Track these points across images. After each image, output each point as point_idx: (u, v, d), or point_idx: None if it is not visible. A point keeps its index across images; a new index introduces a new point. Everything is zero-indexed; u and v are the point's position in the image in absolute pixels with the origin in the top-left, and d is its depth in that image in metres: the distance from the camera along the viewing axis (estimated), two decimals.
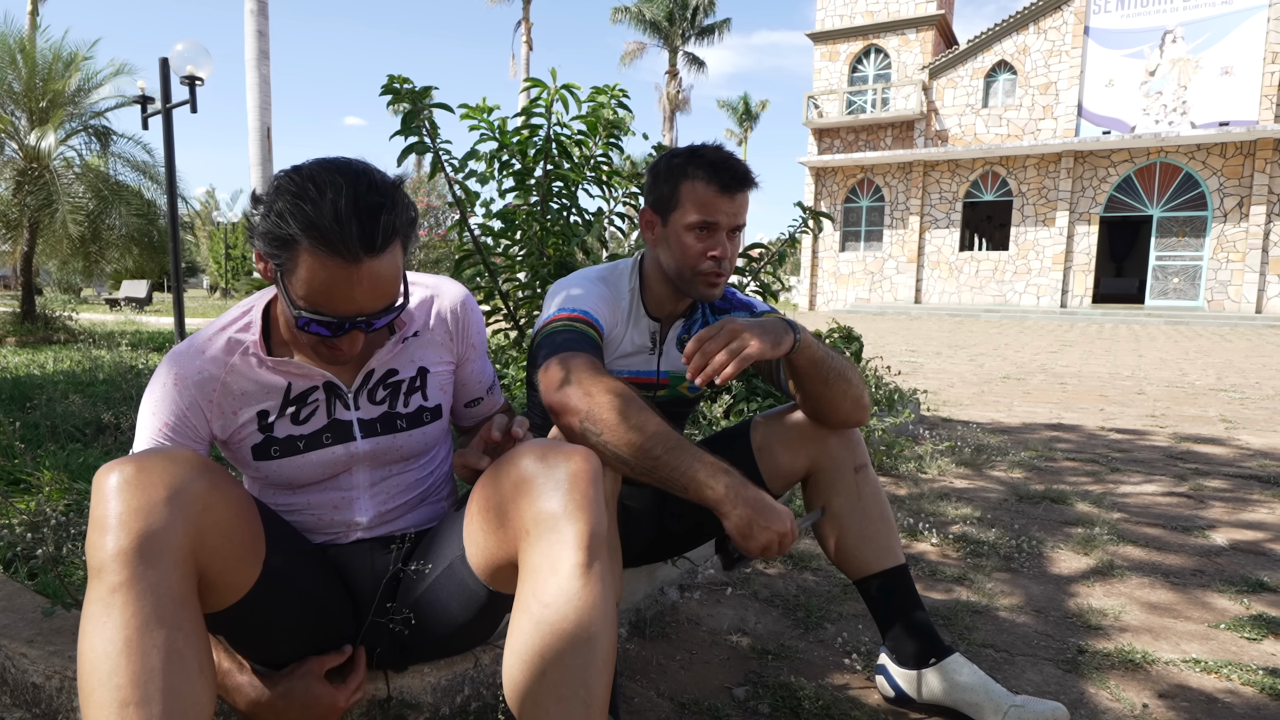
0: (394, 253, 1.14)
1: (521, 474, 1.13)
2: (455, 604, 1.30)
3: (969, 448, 4.21)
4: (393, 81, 3.58)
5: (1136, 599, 2.22)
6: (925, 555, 2.57)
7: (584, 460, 1.13)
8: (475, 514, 1.23)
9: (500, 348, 4.39)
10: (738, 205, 1.57)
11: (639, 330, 1.70)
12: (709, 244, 1.57)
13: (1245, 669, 1.78)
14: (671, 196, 1.59)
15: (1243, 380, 7.98)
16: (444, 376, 1.44)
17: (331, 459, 1.33)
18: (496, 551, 1.19)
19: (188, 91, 8.34)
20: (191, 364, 1.26)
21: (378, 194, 1.10)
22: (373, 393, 1.35)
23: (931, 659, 1.57)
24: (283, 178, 1.11)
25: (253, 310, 1.31)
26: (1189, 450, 4.38)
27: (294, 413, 1.31)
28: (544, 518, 1.09)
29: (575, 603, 1.03)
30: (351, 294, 1.12)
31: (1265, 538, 2.78)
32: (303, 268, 1.10)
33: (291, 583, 1.23)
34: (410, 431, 1.38)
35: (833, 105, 27.17)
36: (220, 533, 1.07)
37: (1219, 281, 21.81)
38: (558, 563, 1.06)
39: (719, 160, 1.56)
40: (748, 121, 48.65)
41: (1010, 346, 12.31)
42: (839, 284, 27.54)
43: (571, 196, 3.94)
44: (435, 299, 1.42)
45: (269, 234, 1.10)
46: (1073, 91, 23.16)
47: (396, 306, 1.20)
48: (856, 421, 1.64)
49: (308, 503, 1.37)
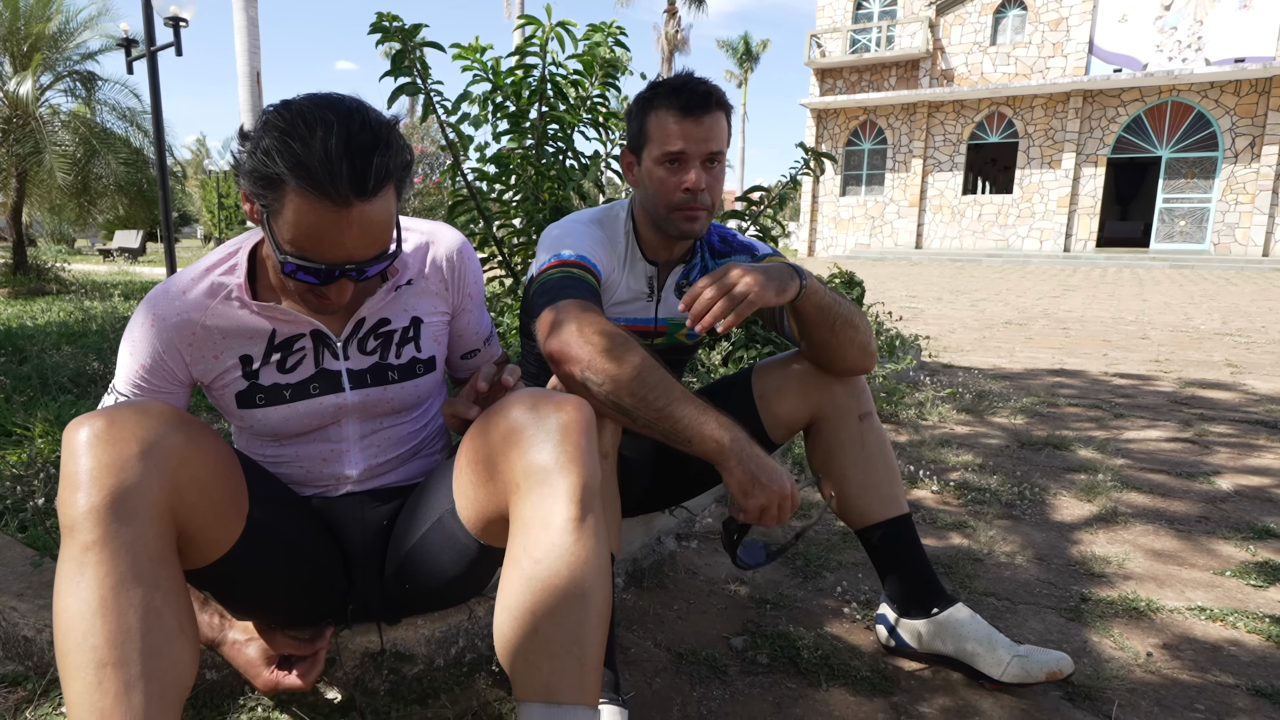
0: (387, 197, 1.09)
1: (511, 425, 1.10)
2: (446, 558, 1.28)
3: (970, 394, 4.19)
4: (381, 19, 3.47)
5: (1140, 546, 2.21)
6: (925, 502, 2.55)
7: (576, 410, 1.10)
8: (464, 466, 1.20)
9: (495, 295, 4.34)
10: (706, 130, 1.49)
11: (635, 276, 1.65)
12: (680, 176, 1.50)
13: (1251, 616, 1.78)
14: (640, 132, 1.54)
15: (1248, 324, 7.93)
16: (438, 327, 1.39)
17: (319, 410, 1.30)
18: (487, 505, 1.16)
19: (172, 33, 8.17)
20: (170, 305, 1.22)
21: (371, 133, 1.05)
22: (363, 343, 1.31)
23: (934, 608, 1.56)
24: (271, 113, 1.06)
25: (239, 252, 1.26)
26: (1194, 395, 4.35)
27: (279, 360, 1.27)
28: (535, 470, 1.06)
29: (568, 558, 1.01)
30: (341, 239, 1.07)
31: (1271, 483, 2.77)
32: (289, 210, 1.05)
33: (278, 537, 1.21)
34: (402, 384, 1.35)
35: (836, 44, 26.63)
36: (198, 488, 1.04)
37: (1226, 224, 21.60)
38: (549, 516, 1.03)
39: (679, 85, 1.49)
40: (748, 62, 47.78)
41: (1012, 292, 12.24)
42: (839, 229, 27.31)
43: (567, 139, 3.85)
44: (431, 246, 1.37)
45: (255, 172, 1.05)
46: (1084, 28, 22.65)
47: (389, 254, 1.15)
48: (863, 369, 1.60)
49: (295, 455, 1.34)
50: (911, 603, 1.59)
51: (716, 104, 1.50)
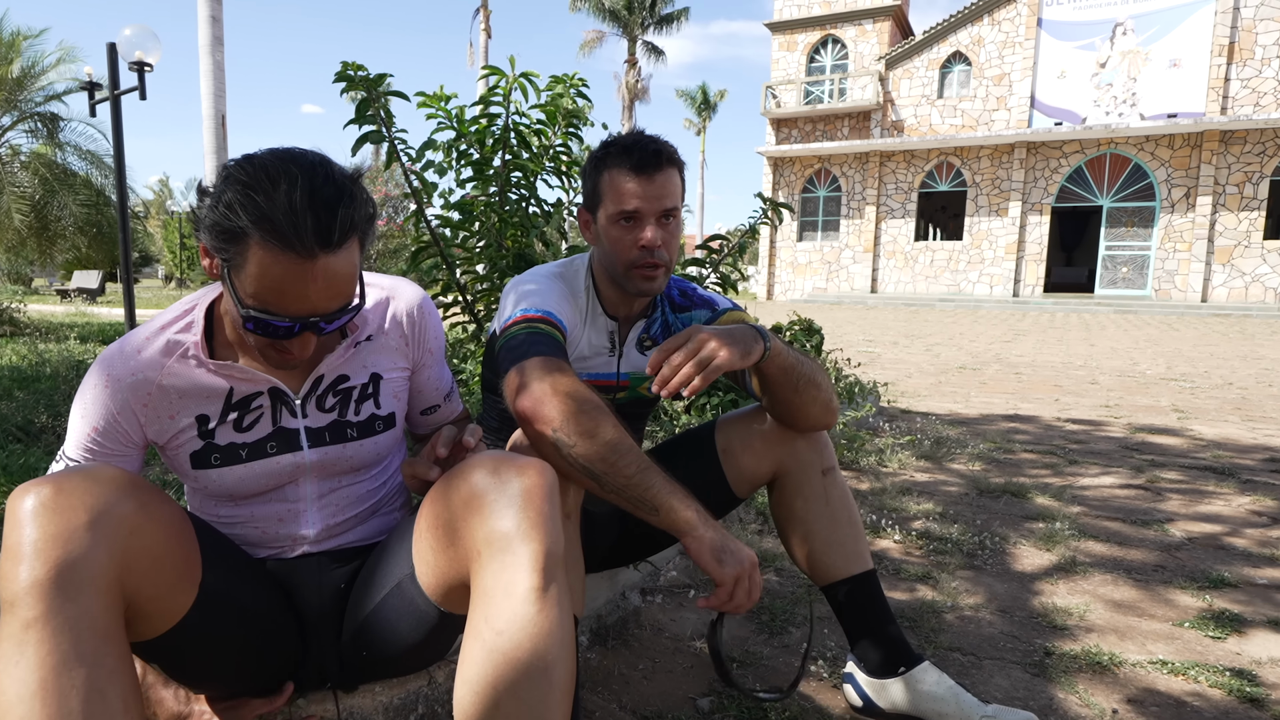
0: (351, 249, 1.07)
1: (472, 489, 1.07)
2: (405, 625, 1.24)
3: (929, 440, 4.21)
4: (346, 68, 3.47)
5: (1100, 596, 2.22)
6: (888, 553, 2.54)
7: (538, 474, 1.06)
8: (424, 531, 1.15)
9: (458, 341, 4.29)
10: (659, 187, 1.48)
11: (597, 330, 1.63)
12: (635, 234, 1.49)
13: (1212, 670, 1.78)
14: (595, 191, 1.53)
15: (1192, 369, 8.15)
16: (398, 383, 1.36)
17: (276, 469, 1.25)
18: (447, 571, 1.12)
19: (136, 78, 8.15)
20: (125, 365, 1.18)
21: (335, 187, 1.04)
22: (322, 400, 1.28)
23: (900, 668, 1.54)
24: (233, 167, 1.04)
25: (195, 309, 1.22)
26: (1144, 441, 4.43)
27: (236, 419, 1.22)
28: (496, 537, 1.02)
29: (530, 629, 0.97)
30: (305, 292, 1.04)
31: (1222, 530, 2.81)
32: (252, 263, 1.02)
33: (231, 605, 1.15)
34: (361, 441, 1.31)
35: (790, 95, 27.26)
36: (150, 557, 0.99)
37: (1166, 271, 22.32)
38: (511, 586, 0.99)
39: (631, 143, 1.49)
40: (706, 111, 48.61)
41: (965, 336, 12.46)
42: (796, 273, 27.69)
43: (530, 187, 3.87)
44: (391, 301, 1.34)
45: (216, 226, 1.03)
46: (1026, 83, 23.49)
47: (352, 307, 1.13)
48: (825, 425, 1.60)
49: (251, 515, 1.29)
50: (879, 662, 1.56)
51: (668, 161, 1.49)
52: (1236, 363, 8.82)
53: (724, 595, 1.25)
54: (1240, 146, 21.20)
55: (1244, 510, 3.07)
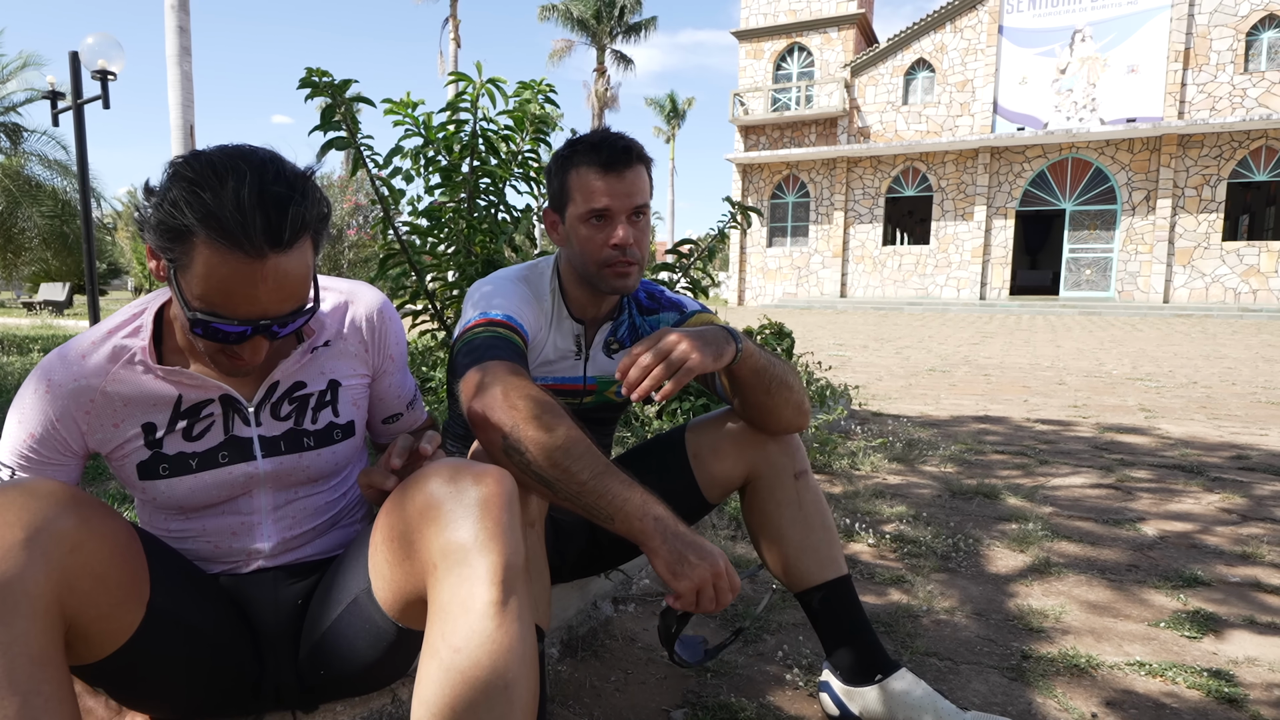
0: (303, 249, 1.03)
1: (428, 499, 1.01)
2: (362, 642, 1.18)
3: (900, 443, 4.20)
4: (311, 75, 3.41)
5: (1075, 598, 2.20)
6: (862, 556, 2.51)
7: (496, 483, 1.01)
8: (380, 544, 1.10)
9: (427, 349, 4.23)
10: (629, 185, 1.45)
11: (563, 334, 1.59)
12: (606, 232, 1.46)
13: (1189, 670, 1.76)
14: (562, 191, 1.49)
15: (1157, 369, 8.25)
16: (358, 390, 1.31)
17: (228, 480, 1.20)
18: (404, 585, 1.07)
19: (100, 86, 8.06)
20: (67, 371, 1.12)
21: (286, 184, 1.00)
22: (277, 407, 1.22)
23: (877, 675, 1.50)
24: (180, 164, 0.99)
25: (144, 313, 1.16)
26: (1113, 440, 4.45)
27: (186, 428, 1.17)
28: (453, 549, 0.97)
29: (489, 646, 0.92)
30: (254, 293, 1.00)
31: (1193, 529, 2.81)
32: (199, 263, 0.97)
33: (181, 623, 1.09)
34: (319, 450, 1.26)
35: (758, 103, 27.41)
36: (92, 575, 0.93)
37: (1129, 273, 22.67)
38: (469, 601, 0.94)
39: (598, 141, 1.45)
40: (675, 119, 48.78)
41: (934, 339, 12.55)
42: (767, 279, 27.81)
43: (499, 193, 3.84)
44: (350, 305, 1.30)
45: (161, 225, 0.98)
46: (988, 89, 23.80)
47: (305, 310, 1.08)
48: (797, 427, 1.56)
49: (203, 529, 1.23)
50: (855, 670, 1.53)
51: (637, 158, 1.46)
52: (1200, 362, 8.95)
53: (686, 603, 1.18)
54: (1198, 150, 21.62)
55: (1214, 508, 3.08)
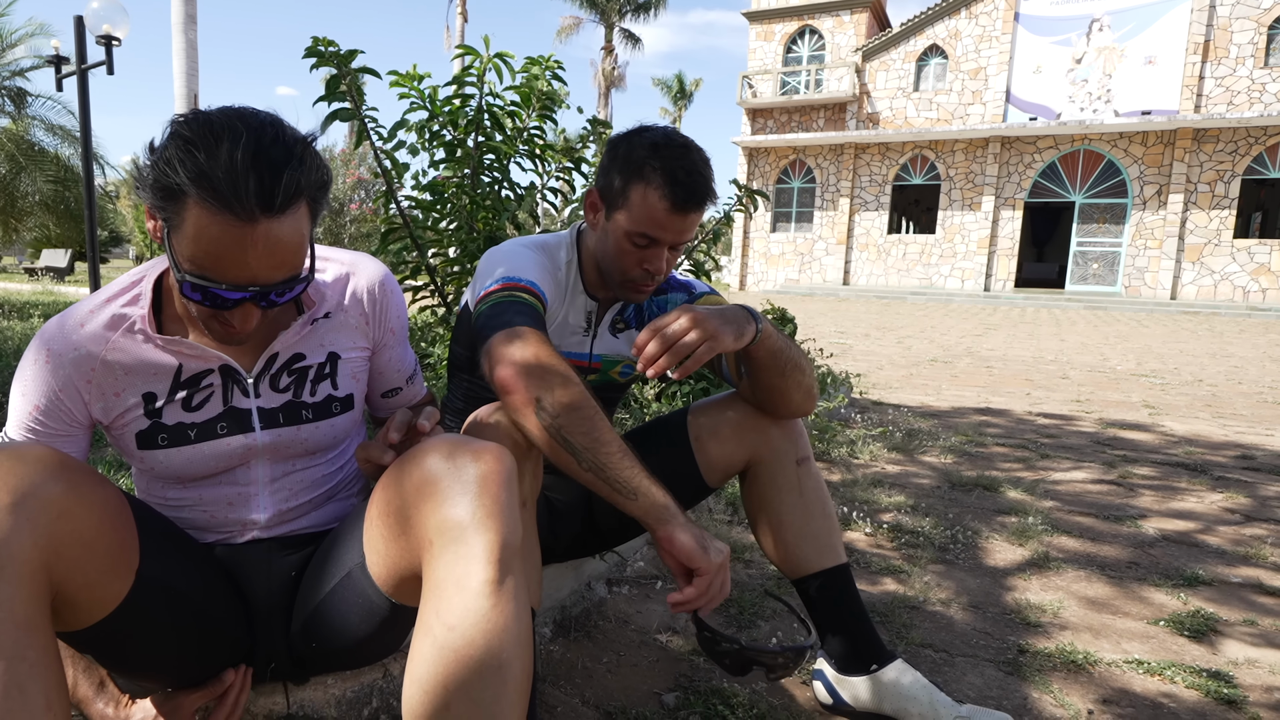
0: (297, 216, 1.01)
1: (426, 474, 1.00)
2: (355, 616, 1.17)
3: (900, 432, 4.19)
4: (317, 44, 3.38)
5: (1074, 593, 2.19)
6: (859, 545, 2.50)
7: (496, 460, 1.00)
8: (375, 518, 1.09)
9: (427, 325, 4.21)
10: (688, 224, 1.43)
11: (575, 309, 1.58)
12: (645, 255, 1.45)
13: (1187, 670, 1.75)
14: (621, 193, 1.43)
15: (1162, 366, 8.23)
16: (357, 363, 1.31)
17: (226, 451, 1.19)
18: (399, 561, 1.06)
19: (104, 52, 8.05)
20: (67, 340, 1.11)
21: (283, 148, 0.98)
22: (276, 379, 1.22)
23: (873, 665, 1.50)
24: (179, 122, 0.97)
25: (143, 281, 1.15)
26: (1115, 436, 4.44)
27: (185, 398, 1.16)
28: (449, 526, 0.96)
29: (484, 625, 0.91)
30: (244, 258, 0.98)
31: (1195, 528, 2.80)
32: (190, 223, 0.96)
33: (171, 592, 1.08)
34: (317, 423, 1.26)
35: (767, 85, 27.23)
36: (80, 542, 0.92)
37: (1136, 268, 22.60)
38: (464, 579, 0.93)
39: (680, 173, 1.39)
40: (682, 100, 48.50)
41: (936, 329, 12.52)
42: (769, 264, 27.74)
43: (503, 169, 3.81)
44: (351, 277, 1.29)
45: (156, 183, 0.97)
46: (1002, 77, 23.63)
47: (300, 279, 1.06)
48: (805, 412, 1.56)
49: (199, 498, 1.23)
50: (850, 659, 1.52)
51: (706, 201, 1.44)
52: (1206, 360, 8.93)
53: (701, 588, 1.18)
54: (1213, 145, 21.48)
55: (1217, 507, 3.07)
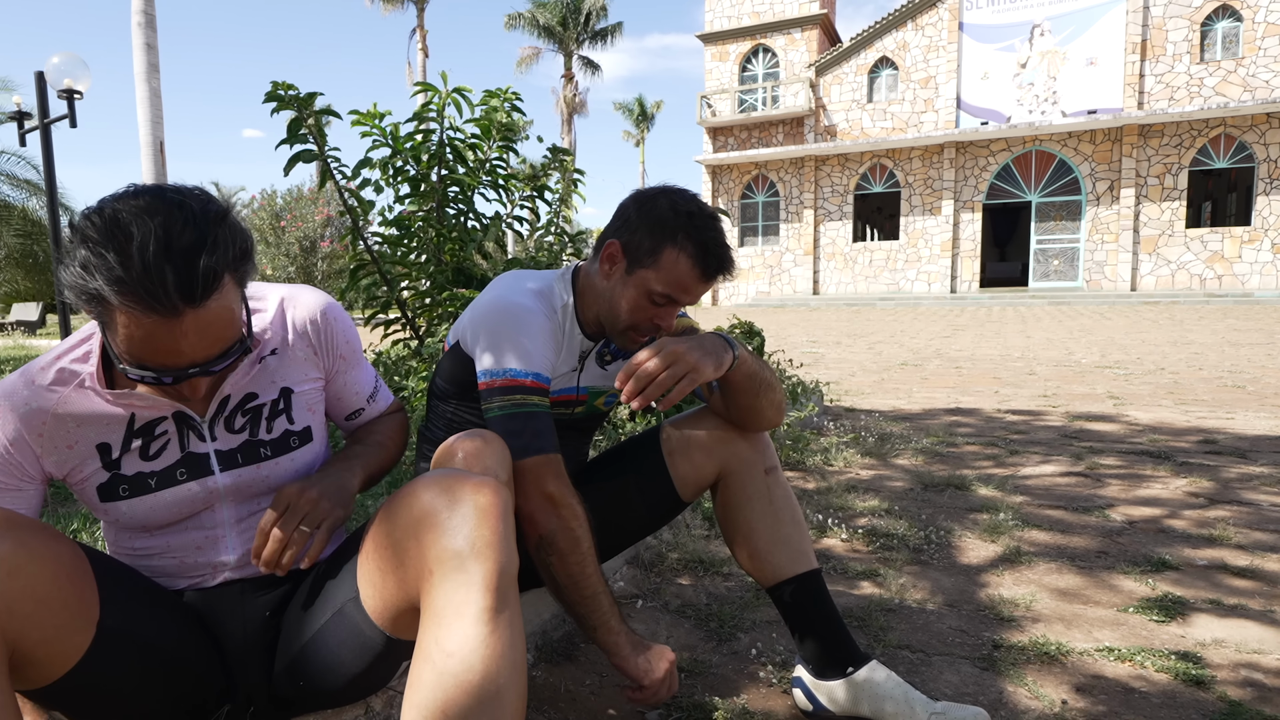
0: (222, 295, 0.99)
1: (424, 508, 1.02)
2: (347, 652, 1.17)
3: (873, 437, 4.22)
4: (277, 88, 3.39)
5: (1046, 586, 2.21)
6: (835, 551, 2.51)
7: (494, 494, 1.02)
8: (371, 552, 1.10)
9: (401, 358, 4.20)
10: (707, 289, 1.49)
11: (571, 351, 1.59)
12: (660, 313, 1.48)
13: (1157, 654, 1.77)
14: (652, 252, 1.45)
15: (1125, 357, 8.35)
16: (312, 395, 1.31)
17: (188, 496, 1.18)
18: (396, 594, 1.07)
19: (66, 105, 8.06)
20: (17, 395, 1.10)
21: (195, 231, 0.95)
22: (230, 420, 1.21)
23: (849, 668, 1.51)
24: (82, 222, 0.95)
25: (92, 338, 1.14)
26: (1082, 429, 4.49)
27: (142, 447, 1.15)
28: (449, 556, 0.97)
29: (482, 651, 0.92)
30: (177, 347, 0.98)
31: (1161, 514, 2.83)
32: (118, 324, 0.96)
33: (136, 642, 1.07)
34: (277, 459, 1.25)
35: (725, 104, 27.51)
36: (33, 598, 0.91)
37: (1095, 262, 22.97)
38: (463, 606, 0.94)
39: (712, 244, 1.44)
40: (644, 123, 48.85)
41: (906, 333, 12.63)
42: (740, 278, 27.90)
43: (468, 201, 3.84)
44: (291, 311, 1.28)
45: (75, 288, 0.94)
46: (951, 85, 24.04)
47: (237, 347, 1.06)
48: (775, 424, 1.61)
49: (167, 545, 1.21)
50: (826, 663, 1.53)
51: (729, 273, 1.50)
52: (1167, 348, 9.07)
53: (648, 695, 1.44)
54: (1158, 139, 21.95)
55: (1181, 492, 3.11)
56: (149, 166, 9.75)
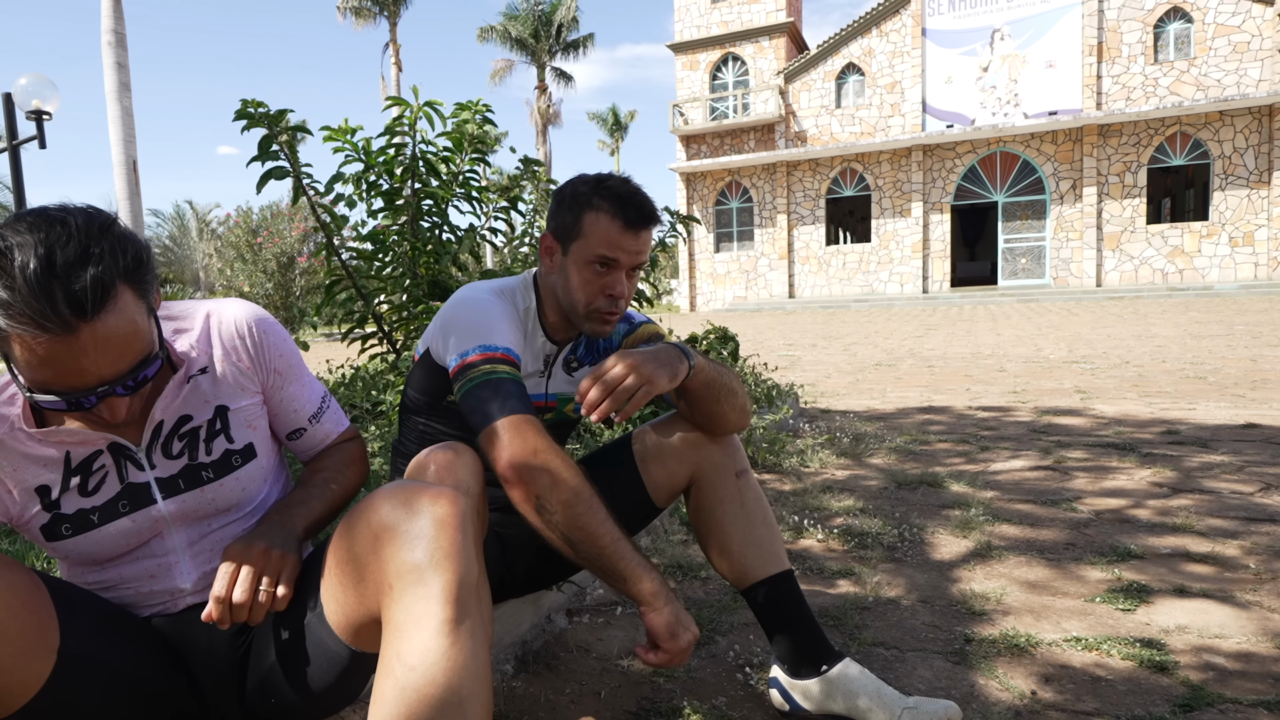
0: (120, 307, 0.95)
1: (381, 521, 1.00)
2: (314, 667, 1.16)
3: (848, 438, 4.25)
4: (246, 106, 3.37)
5: (1016, 579, 2.24)
6: (811, 551, 2.53)
7: (450, 503, 1.00)
8: (332, 567, 1.08)
9: (378, 372, 4.17)
10: (641, 243, 1.49)
11: (534, 354, 1.60)
12: (607, 281, 1.49)
13: (1122, 642, 1.80)
14: (574, 226, 1.49)
15: (1091, 351, 8.45)
16: (250, 411, 1.26)
17: (133, 528, 1.16)
18: (358, 608, 1.05)
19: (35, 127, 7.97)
20: None
21: (78, 246, 0.92)
22: (168, 446, 1.18)
23: (823, 666, 1.53)
24: None
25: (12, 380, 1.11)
26: (1050, 424, 4.55)
27: (80, 483, 1.12)
28: (407, 569, 0.96)
29: (444, 663, 0.91)
30: (79, 366, 0.94)
31: (1126, 504, 2.88)
32: (15, 349, 0.92)
33: (99, 668, 1.06)
34: (221, 480, 1.21)
35: (697, 112, 27.63)
36: None
37: (1061, 259, 23.25)
38: (423, 619, 0.93)
39: (626, 195, 1.47)
40: (618, 132, 48.96)
41: (880, 334, 12.72)
42: (716, 284, 28.00)
43: (442, 214, 3.84)
44: (218, 326, 1.23)
45: None
46: (916, 89, 24.28)
47: (151, 359, 1.03)
48: (741, 428, 1.62)
49: (120, 577, 1.19)
50: (801, 662, 1.55)
51: (655, 220, 1.51)
52: (1132, 342, 9.20)
53: (661, 660, 1.33)
54: (1117, 139, 22.28)
55: (1145, 483, 3.16)
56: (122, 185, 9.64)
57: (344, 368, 4.77)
